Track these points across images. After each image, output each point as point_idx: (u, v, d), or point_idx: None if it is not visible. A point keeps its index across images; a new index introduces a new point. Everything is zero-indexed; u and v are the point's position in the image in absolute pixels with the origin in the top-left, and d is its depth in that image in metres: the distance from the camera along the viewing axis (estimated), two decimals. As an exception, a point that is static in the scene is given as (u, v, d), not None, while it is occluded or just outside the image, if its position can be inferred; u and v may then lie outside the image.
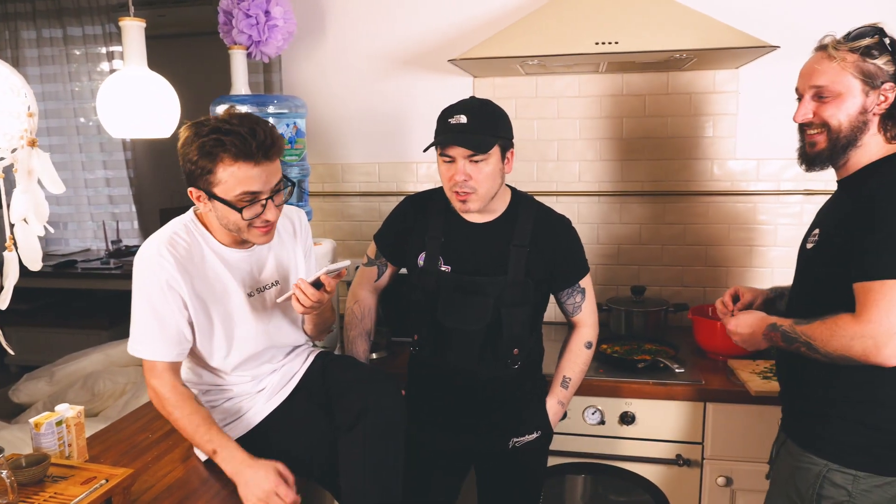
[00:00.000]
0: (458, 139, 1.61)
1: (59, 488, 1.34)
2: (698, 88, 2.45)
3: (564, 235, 1.79)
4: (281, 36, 2.31)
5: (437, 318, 1.73)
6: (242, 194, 1.44)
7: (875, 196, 1.31)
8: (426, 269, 1.76)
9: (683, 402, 2.02)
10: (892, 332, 1.24)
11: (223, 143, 1.40)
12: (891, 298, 1.25)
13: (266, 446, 1.56)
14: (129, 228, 5.32)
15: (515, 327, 1.71)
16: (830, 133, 1.39)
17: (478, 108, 1.65)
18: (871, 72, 1.35)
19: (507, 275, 1.71)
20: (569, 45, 2.02)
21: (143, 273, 1.49)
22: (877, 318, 1.25)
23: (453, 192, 1.67)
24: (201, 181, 1.45)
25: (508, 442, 1.78)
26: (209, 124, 1.44)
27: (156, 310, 1.49)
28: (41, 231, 1.35)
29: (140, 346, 1.52)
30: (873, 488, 1.34)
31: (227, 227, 1.51)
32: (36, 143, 1.32)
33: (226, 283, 1.57)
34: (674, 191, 2.52)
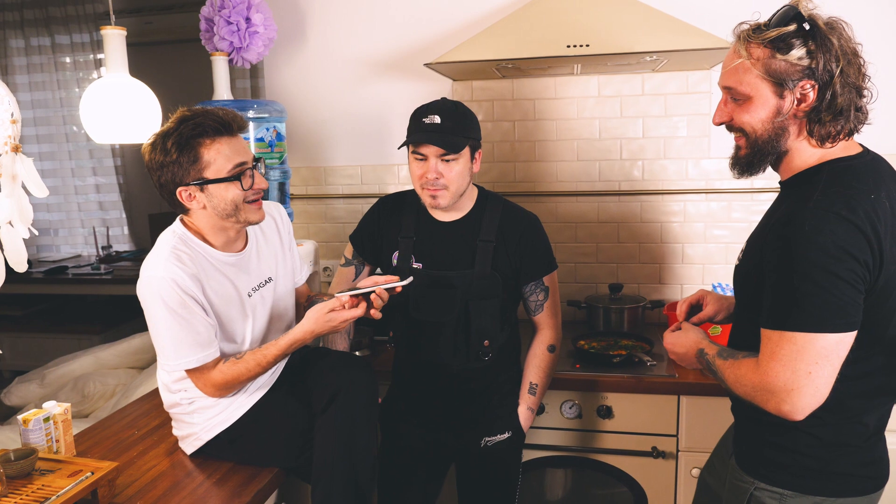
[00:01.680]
0: (431, 138, 1.67)
1: (46, 481, 1.39)
2: (671, 90, 2.52)
3: (530, 230, 1.84)
4: (262, 42, 2.36)
5: (409, 312, 1.79)
6: (234, 167, 1.50)
7: (790, 237, 1.15)
8: (399, 267, 1.82)
9: (658, 396, 2.07)
10: (790, 389, 1.15)
11: (200, 125, 1.46)
12: (788, 353, 1.15)
13: (247, 439, 1.61)
14: (120, 234, 5.34)
15: (484, 320, 1.77)
16: (748, 139, 1.26)
17: (451, 109, 1.72)
18: (780, 71, 1.18)
19: (474, 269, 1.76)
20: (541, 48, 2.08)
21: (159, 294, 1.48)
22: (773, 372, 1.16)
23: (424, 189, 1.73)
24: (190, 174, 1.48)
25: (481, 441, 1.83)
26: (171, 125, 1.48)
27: (182, 324, 1.50)
28: (26, 234, 1.40)
29: (181, 360, 1.53)
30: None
31: (224, 212, 1.53)
32: (19, 148, 1.36)
33: (229, 287, 1.61)
34: (650, 190, 2.58)
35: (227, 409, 1.63)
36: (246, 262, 1.66)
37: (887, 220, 1.16)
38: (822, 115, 1.18)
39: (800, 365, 1.14)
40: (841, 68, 1.16)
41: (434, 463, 1.93)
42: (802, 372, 1.14)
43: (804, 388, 1.14)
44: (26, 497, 1.33)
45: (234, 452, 1.64)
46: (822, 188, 1.17)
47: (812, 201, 1.15)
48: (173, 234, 1.57)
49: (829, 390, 1.16)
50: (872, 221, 1.13)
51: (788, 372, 1.15)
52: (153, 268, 1.50)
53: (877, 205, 1.15)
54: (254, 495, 1.50)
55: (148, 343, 3.28)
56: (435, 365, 1.80)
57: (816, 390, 1.15)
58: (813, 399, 1.15)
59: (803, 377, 1.14)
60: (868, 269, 1.13)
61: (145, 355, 3.27)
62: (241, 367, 1.55)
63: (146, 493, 1.50)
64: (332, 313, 1.50)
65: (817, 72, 1.16)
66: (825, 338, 1.13)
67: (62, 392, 2.97)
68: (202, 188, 1.50)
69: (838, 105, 1.17)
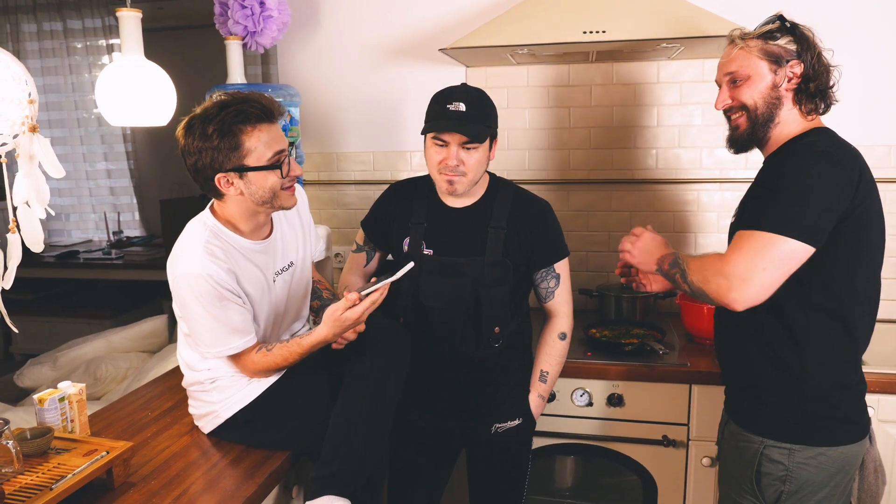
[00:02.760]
0: (457, 127, 1.66)
1: (62, 459, 1.40)
2: (687, 77, 2.49)
3: (542, 217, 1.83)
4: (276, 26, 2.35)
5: (419, 299, 1.79)
6: (274, 155, 1.51)
7: (781, 163, 1.41)
8: (410, 253, 1.81)
9: (669, 384, 2.06)
10: (744, 278, 1.31)
11: (243, 112, 1.46)
12: (754, 247, 1.32)
13: (264, 421, 1.63)
14: (131, 220, 5.37)
15: (495, 307, 1.77)
16: (749, 113, 1.48)
17: (475, 96, 1.71)
18: (775, 52, 1.44)
19: (485, 255, 1.76)
20: (557, 34, 2.06)
21: (194, 290, 1.50)
22: (735, 260, 1.33)
23: (441, 174, 1.72)
24: (230, 161, 1.48)
25: (491, 427, 1.83)
26: (212, 109, 1.48)
27: (219, 315, 1.53)
28: (42, 214, 1.40)
29: (222, 348, 1.56)
30: (808, 459, 1.40)
31: (261, 199, 1.54)
32: (37, 128, 1.37)
33: (258, 274, 1.63)
34: (664, 179, 2.57)
35: (246, 387, 1.65)
36: (273, 248, 1.68)
37: (868, 172, 1.38)
38: (809, 88, 1.43)
39: (758, 260, 1.31)
40: (818, 54, 1.44)
41: (444, 449, 1.93)
42: (759, 266, 1.31)
43: (755, 280, 1.31)
44: (42, 475, 1.34)
45: (249, 433, 1.65)
46: (810, 141, 1.41)
47: (802, 145, 1.40)
48: (204, 227, 1.57)
49: (771, 292, 1.33)
50: (854, 162, 1.36)
51: (747, 262, 1.32)
52: (188, 263, 1.51)
53: (858, 155, 1.39)
54: (267, 476, 1.51)
55: (159, 327, 3.30)
56: (445, 352, 1.80)
57: (762, 286, 1.31)
58: (757, 294, 1.32)
59: (759, 271, 1.31)
60: (844, 201, 1.32)
61: (157, 339, 3.29)
62: (270, 359, 1.59)
63: (160, 472, 1.51)
64: (346, 313, 1.50)
65: (803, 54, 1.43)
66: (787, 242, 1.30)
67: (74, 375, 3.00)
68: (241, 175, 1.51)
69: (820, 82, 1.43)
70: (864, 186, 1.36)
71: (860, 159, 1.39)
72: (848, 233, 1.36)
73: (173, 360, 2.44)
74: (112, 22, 4.95)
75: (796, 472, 1.41)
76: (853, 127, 1.90)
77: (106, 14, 4.98)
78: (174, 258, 1.55)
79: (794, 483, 1.41)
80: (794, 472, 1.41)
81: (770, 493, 1.44)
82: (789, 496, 1.42)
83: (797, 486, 1.41)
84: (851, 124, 1.93)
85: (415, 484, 1.91)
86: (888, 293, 1.82)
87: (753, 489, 1.47)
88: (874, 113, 2.37)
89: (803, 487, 1.41)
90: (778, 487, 1.43)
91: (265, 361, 1.59)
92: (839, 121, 1.61)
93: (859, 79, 2.33)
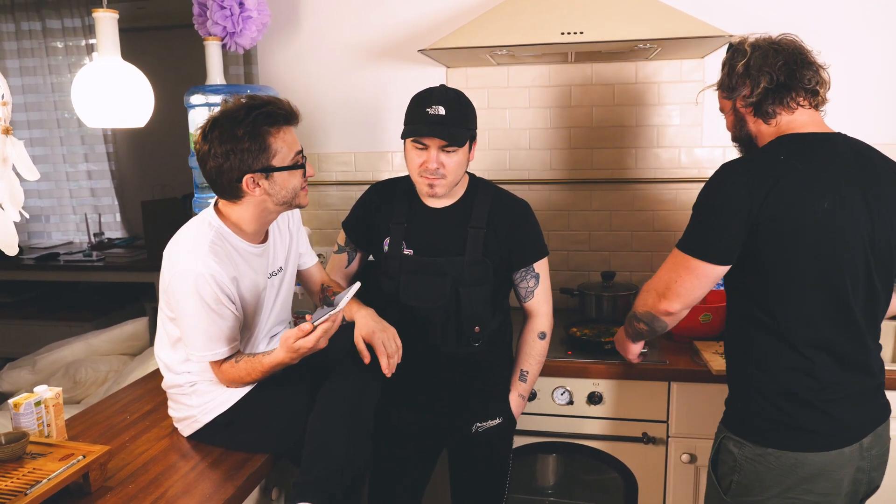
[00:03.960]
0: (436, 131, 1.67)
1: (37, 464, 1.39)
2: (665, 78, 2.52)
3: (521, 217, 1.84)
4: (255, 27, 2.35)
5: (399, 298, 1.79)
6: (297, 155, 1.58)
7: None
8: (390, 253, 1.82)
9: (649, 382, 2.08)
10: (667, 288, 1.50)
11: (271, 114, 1.51)
12: (670, 263, 1.51)
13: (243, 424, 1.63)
14: (112, 221, 5.33)
15: (475, 306, 1.77)
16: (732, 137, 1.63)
17: (454, 100, 1.72)
18: (724, 83, 1.55)
19: (465, 255, 1.77)
20: (535, 34, 2.07)
21: (197, 289, 1.50)
22: (659, 275, 1.54)
23: (422, 177, 1.73)
24: (259, 161, 1.51)
25: (472, 426, 1.84)
26: (238, 112, 1.50)
27: (214, 318, 1.54)
28: (17, 217, 1.39)
29: (208, 353, 1.57)
30: (756, 457, 1.45)
31: (284, 199, 1.58)
32: (10, 130, 1.36)
33: (255, 278, 1.64)
34: (643, 178, 2.59)
35: (225, 392, 1.64)
36: (268, 252, 1.70)
37: (797, 181, 1.37)
38: (760, 100, 1.48)
39: (673, 274, 1.50)
40: (759, 67, 1.46)
41: (425, 448, 1.94)
42: (674, 278, 1.50)
43: (674, 290, 1.50)
44: (17, 480, 1.33)
45: (229, 436, 1.65)
46: (741, 156, 1.55)
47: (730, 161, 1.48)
48: (209, 227, 1.58)
49: (695, 299, 1.50)
50: (765, 177, 1.38)
51: (666, 277, 1.52)
52: (192, 262, 1.51)
53: (784, 166, 1.39)
54: (246, 479, 1.51)
55: (140, 329, 3.28)
56: (426, 351, 1.80)
57: (683, 294, 1.49)
58: (680, 299, 1.50)
59: (674, 282, 1.50)
60: (747, 209, 1.38)
61: (137, 342, 3.27)
62: (235, 372, 1.60)
63: (138, 476, 1.50)
64: (299, 342, 1.49)
65: (749, 71, 1.48)
66: (689, 260, 1.47)
67: (54, 378, 2.97)
68: (267, 176, 1.54)
69: (765, 90, 1.46)
70: (775, 197, 1.35)
71: (785, 171, 1.37)
72: (763, 245, 1.39)
73: (154, 363, 2.43)
74: (92, 21, 4.90)
75: (745, 466, 1.47)
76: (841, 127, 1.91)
77: (85, 14, 4.93)
78: (175, 255, 1.55)
79: (744, 476, 1.47)
80: (742, 466, 1.47)
81: (724, 481, 1.52)
82: (739, 486, 1.49)
83: (747, 480, 1.47)
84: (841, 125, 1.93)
85: (396, 483, 1.92)
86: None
87: (711, 474, 1.57)
88: (860, 112, 2.40)
89: (752, 483, 1.46)
90: (730, 477, 1.50)
91: (232, 372, 1.60)
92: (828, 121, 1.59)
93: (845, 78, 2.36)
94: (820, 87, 1.47)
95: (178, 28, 4.36)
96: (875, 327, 1.49)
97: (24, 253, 4.76)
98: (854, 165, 1.41)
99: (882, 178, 1.42)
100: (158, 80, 2.01)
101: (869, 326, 1.46)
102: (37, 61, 5.08)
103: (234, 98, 1.57)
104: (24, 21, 5.01)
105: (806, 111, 1.48)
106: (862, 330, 1.43)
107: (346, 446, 1.52)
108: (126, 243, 5.03)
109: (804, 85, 1.45)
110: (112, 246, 4.95)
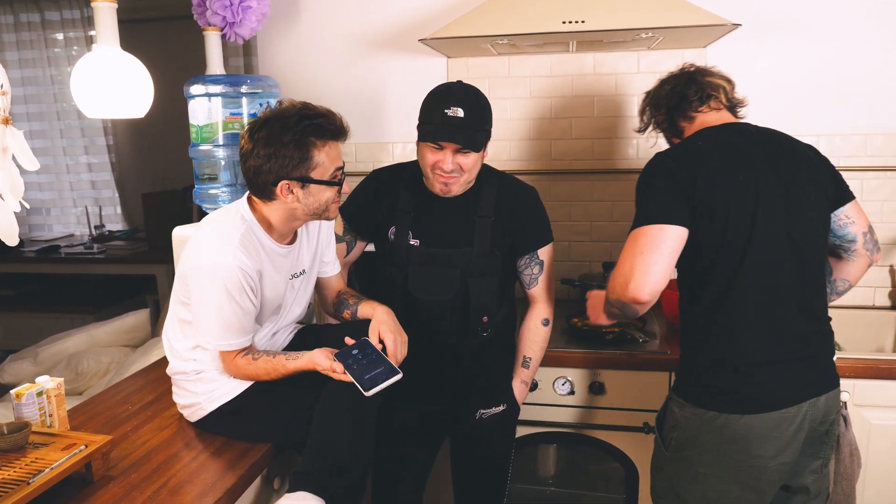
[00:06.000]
0: (457, 137, 1.65)
1: (40, 454, 1.39)
2: (667, 67, 2.48)
3: (528, 202, 1.84)
4: (255, 17, 2.33)
5: (407, 290, 1.79)
6: (336, 171, 1.58)
7: None
8: (396, 243, 1.80)
9: (650, 372, 2.08)
10: (630, 271, 1.47)
11: (320, 127, 1.51)
12: (628, 246, 1.51)
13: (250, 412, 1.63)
14: (112, 213, 5.32)
15: (484, 297, 1.77)
16: None
17: (473, 101, 1.69)
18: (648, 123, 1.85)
19: (473, 246, 1.76)
20: (536, 23, 2.06)
21: (224, 280, 1.52)
22: (620, 262, 1.52)
23: (437, 175, 1.71)
24: (298, 170, 1.52)
25: (476, 413, 1.84)
26: (290, 117, 1.51)
27: (236, 310, 1.55)
28: (17, 207, 1.39)
29: (223, 342, 1.58)
30: (692, 416, 1.58)
31: (313, 210, 1.58)
32: (10, 120, 1.35)
33: (277, 279, 1.65)
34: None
35: (230, 381, 1.65)
36: (294, 254, 1.70)
37: (712, 159, 1.54)
38: (668, 122, 1.76)
39: (634, 251, 1.48)
40: (655, 101, 1.78)
41: (428, 436, 1.94)
42: (637, 256, 1.47)
43: (638, 268, 1.46)
44: (20, 470, 1.33)
45: (235, 425, 1.64)
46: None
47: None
48: (242, 221, 1.59)
49: (662, 273, 1.46)
50: (689, 157, 1.55)
51: (629, 258, 1.49)
52: (221, 254, 1.52)
53: (702, 147, 1.57)
54: (248, 468, 1.51)
55: (142, 321, 3.28)
56: (431, 341, 1.80)
57: (648, 270, 1.45)
58: (647, 278, 1.45)
59: (637, 259, 1.46)
60: (679, 183, 1.50)
61: (139, 333, 3.27)
62: (252, 369, 1.61)
63: (140, 466, 1.50)
64: (324, 370, 1.56)
65: (649, 108, 1.81)
66: (647, 229, 1.48)
67: (55, 370, 2.97)
68: (303, 185, 1.54)
69: (666, 113, 1.75)
70: (703, 172, 1.51)
71: (705, 150, 1.56)
72: (698, 218, 1.51)
73: (156, 354, 2.43)
74: (91, 13, 4.89)
75: (684, 424, 1.60)
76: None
77: (84, 5, 4.91)
78: (205, 244, 1.56)
79: (682, 433, 1.60)
80: (681, 423, 1.60)
81: (667, 438, 1.65)
82: (678, 442, 1.62)
83: (685, 436, 1.60)
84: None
85: (400, 471, 1.92)
86: (861, 281, 1.84)
87: (657, 430, 1.71)
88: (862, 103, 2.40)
89: (688, 439, 1.59)
90: (672, 434, 1.63)
91: (248, 369, 1.60)
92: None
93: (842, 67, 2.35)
94: (714, 92, 1.67)
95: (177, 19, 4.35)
96: (815, 294, 1.58)
97: (26, 246, 4.76)
98: (761, 144, 1.59)
99: (785, 153, 1.58)
100: (158, 72, 2.00)
101: (807, 292, 1.55)
102: (36, 53, 5.06)
103: (289, 102, 1.58)
104: (23, 13, 4.99)
105: (709, 112, 1.68)
106: (799, 296, 1.54)
107: (349, 441, 1.52)
108: (127, 235, 5.03)
109: (690, 98, 1.68)
110: (113, 238, 4.95)
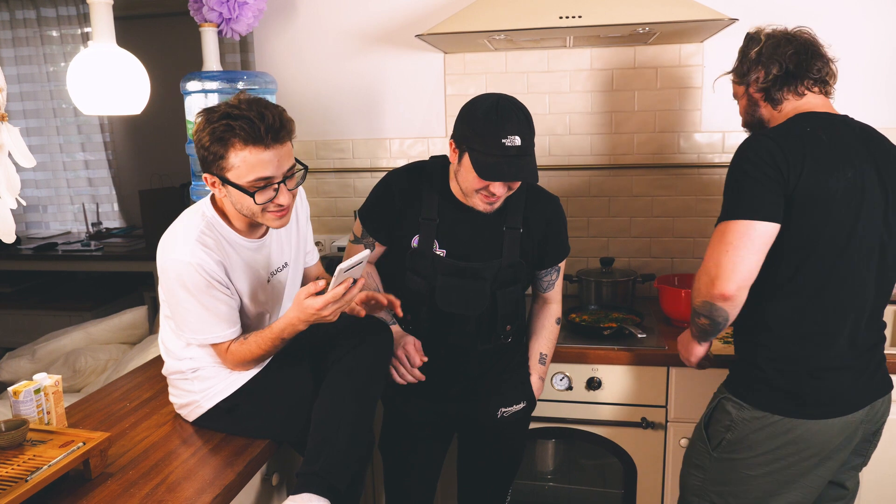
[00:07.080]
0: (523, 172, 1.56)
1: (37, 451, 1.39)
2: (664, 62, 2.50)
3: (554, 218, 1.82)
4: (251, 13, 2.33)
5: (434, 302, 1.75)
6: (255, 180, 1.45)
7: None
8: (420, 251, 1.75)
9: (647, 367, 2.08)
10: (717, 267, 1.43)
11: (233, 127, 1.42)
12: (714, 241, 1.46)
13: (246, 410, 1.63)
14: (110, 210, 5.31)
15: (509, 305, 1.78)
16: (743, 122, 1.70)
17: (525, 124, 1.58)
18: (739, 70, 1.64)
19: (502, 258, 1.75)
20: (533, 19, 2.06)
21: (181, 278, 1.49)
22: (706, 258, 1.47)
23: (480, 195, 1.64)
24: (214, 167, 1.47)
25: (497, 411, 1.83)
26: (219, 110, 1.46)
27: (206, 305, 1.52)
28: (13, 204, 1.39)
29: (206, 335, 1.56)
30: (752, 419, 1.53)
31: (241, 211, 1.53)
32: (6, 117, 1.35)
33: (251, 272, 1.62)
34: (641, 164, 2.58)
35: (228, 377, 1.64)
36: (267, 247, 1.66)
37: (821, 150, 1.43)
38: (770, 86, 1.56)
39: (720, 248, 1.43)
40: (770, 55, 1.54)
41: (440, 439, 1.94)
42: (723, 252, 1.42)
43: (724, 265, 1.42)
44: (17, 467, 1.33)
45: (233, 422, 1.64)
46: (762, 131, 1.54)
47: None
48: (202, 217, 1.56)
49: (750, 270, 1.42)
50: (795, 142, 1.43)
51: (715, 255, 1.44)
52: (179, 251, 1.50)
53: (811, 136, 1.44)
54: (246, 465, 1.51)
55: (139, 318, 3.28)
56: (453, 348, 1.79)
57: (735, 267, 1.41)
58: (735, 275, 1.41)
59: (724, 257, 1.42)
60: (781, 172, 1.41)
61: (137, 330, 3.27)
62: (246, 348, 1.58)
63: (138, 462, 1.51)
64: (308, 300, 1.46)
65: (761, 58, 1.56)
66: (736, 225, 1.42)
67: (53, 367, 2.97)
68: (223, 184, 1.49)
69: (775, 77, 1.54)
70: (810, 165, 1.41)
71: (813, 141, 1.44)
72: (795, 211, 1.43)
73: (153, 351, 2.43)
74: (86, 10, 4.86)
75: (740, 426, 1.54)
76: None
77: (80, 2, 4.89)
78: (165, 244, 1.54)
79: (735, 433, 1.55)
80: (738, 425, 1.54)
81: (715, 438, 1.59)
82: (728, 444, 1.56)
83: (738, 438, 1.54)
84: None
85: (411, 467, 1.92)
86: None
87: (702, 430, 1.64)
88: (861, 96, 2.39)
89: (742, 441, 1.54)
90: (722, 434, 1.57)
91: (241, 351, 1.58)
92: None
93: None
94: (829, 78, 1.55)
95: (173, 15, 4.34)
96: (882, 303, 1.55)
97: (23, 243, 4.75)
98: (866, 143, 1.49)
99: (890, 156, 1.50)
100: (154, 69, 2.00)
101: (878, 301, 1.52)
102: (32, 50, 5.04)
103: (237, 96, 1.49)
104: (19, 10, 4.97)
105: (816, 96, 1.55)
106: (872, 304, 1.50)
107: (350, 438, 1.52)
108: (124, 233, 5.02)
109: (812, 74, 1.52)
110: (110, 235, 4.94)
